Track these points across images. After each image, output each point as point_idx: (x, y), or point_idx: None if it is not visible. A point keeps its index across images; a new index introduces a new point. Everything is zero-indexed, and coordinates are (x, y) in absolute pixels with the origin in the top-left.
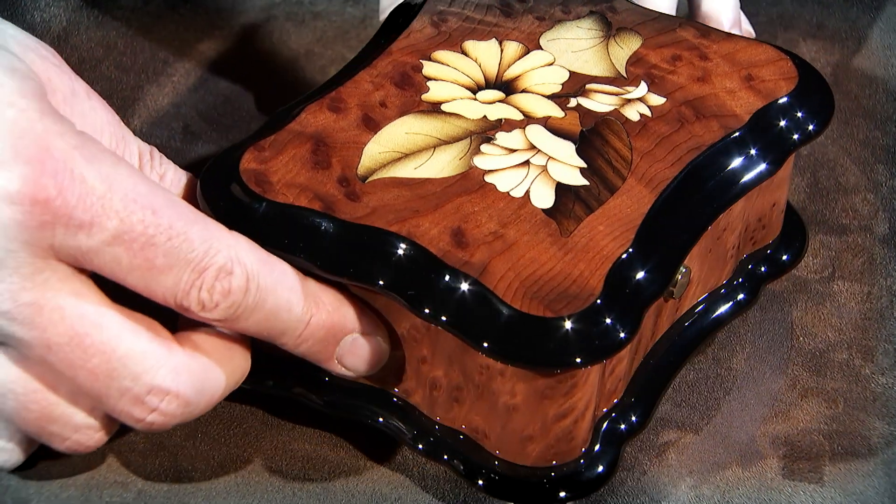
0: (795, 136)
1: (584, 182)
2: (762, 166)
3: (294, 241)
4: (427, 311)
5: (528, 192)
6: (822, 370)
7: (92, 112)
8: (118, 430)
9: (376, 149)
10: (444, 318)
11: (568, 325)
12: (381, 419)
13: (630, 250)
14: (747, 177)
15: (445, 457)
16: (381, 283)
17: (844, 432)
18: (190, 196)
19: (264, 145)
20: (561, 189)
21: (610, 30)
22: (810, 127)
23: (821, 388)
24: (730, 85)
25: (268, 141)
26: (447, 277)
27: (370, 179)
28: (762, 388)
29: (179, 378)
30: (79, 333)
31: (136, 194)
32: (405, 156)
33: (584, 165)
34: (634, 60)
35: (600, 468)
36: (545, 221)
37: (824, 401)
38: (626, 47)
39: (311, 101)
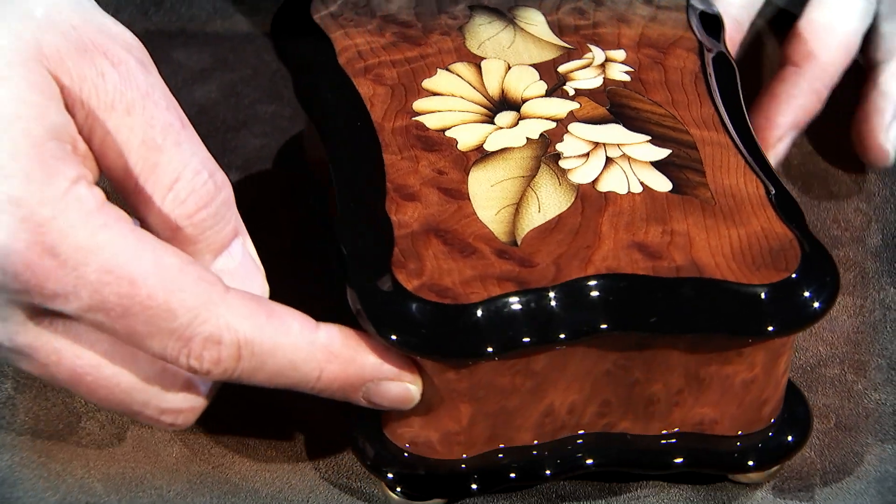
0: None
1: (666, 150)
2: None
3: (517, 335)
4: (670, 327)
5: (642, 184)
6: (813, 386)
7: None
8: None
9: (490, 213)
10: (693, 326)
11: (799, 278)
12: (591, 461)
13: (772, 191)
14: None
15: (679, 460)
16: (604, 327)
17: (836, 449)
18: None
19: (402, 261)
20: (660, 167)
21: (504, 14)
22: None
23: (812, 403)
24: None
25: (399, 256)
26: (674, 291)
27: (518, 241)
28: None
29: (192, 394)
30: (78, 374)
31: (114, 265)
32: (516, 205)
33: (649, 137)
34: (557, 31)
35: (801, 404)
36: (684, 200)
37: (815, 417)
38: (536, 22)
39: (380, 202)
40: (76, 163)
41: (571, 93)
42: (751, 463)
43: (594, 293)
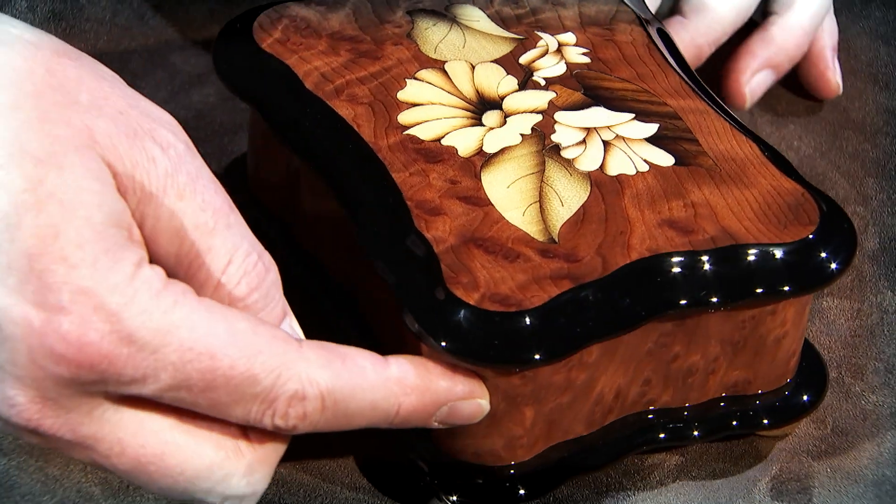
0: None
1: (654, 125)
2: None
3: (585, 331)
4: (724, 297)
5: (646, 161)
6: None
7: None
8: None
9: (517, 214)
10: (743, 292)
11: (822, 233)
12: (641, 440)
13: (766, 153)
14: None
15: (719, 425)
16: (681, 301)
17: (834, 453)
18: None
19: (454, 277)
20: (655, 142)
21: (444, 14)
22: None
23: None
24: None
25: (449, 272)
26: (713, 259)
27: (556, 237)
28: None
29: (254, 478)
30: (142, 463)
31: (193, 341)
32: (538, 202)
33: (633, 114)
34: (501, 23)
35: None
36: (691, 171)
37: (813, 420)
38: (478, 18)
39: (408, 221)
40: (137, 247)
41: (542, 83)
42: (783, 415)
43: (647, 277)
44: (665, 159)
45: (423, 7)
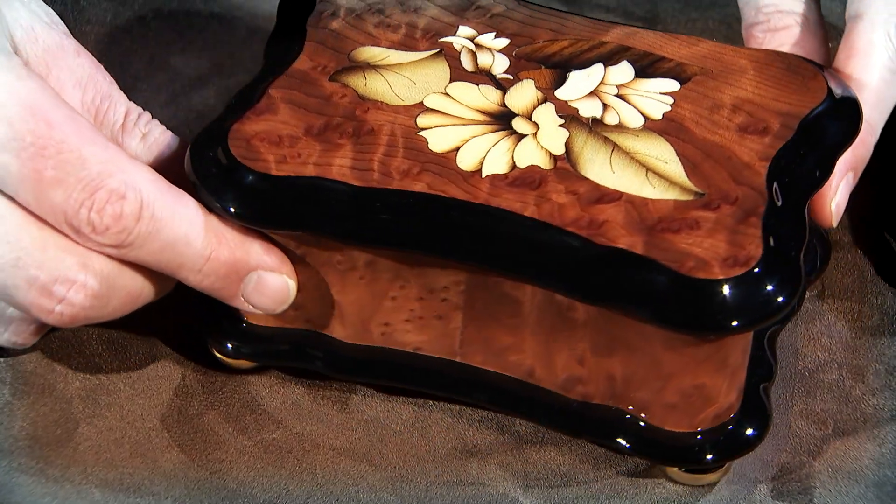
0: None
1: (627, 64)
2: None
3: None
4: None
5: (662, 94)
6: (811, 391)
7: (78, 68)
8: None
9: (650, 189)
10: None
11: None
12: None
13: (714, 40)
14: None
15: None
16: None
17: (835, 454)
18: (178, 159)
19: (685, 265)
20: (645, 76)
21: (356, 65)
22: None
23: (810, 409)
24: None
25: (685, 269)
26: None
27: (697, 188)
28: None
29: (88, 269)
30: None
31: (35, 106)
32: (648, 170)
33: (600, 63)
34: (405, 47)
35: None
36: (698, 81)
37: (814, 422)
38: (385, 53)
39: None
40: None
41: (511, 77)
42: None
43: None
44: (670, 85)
45: (342, 68)
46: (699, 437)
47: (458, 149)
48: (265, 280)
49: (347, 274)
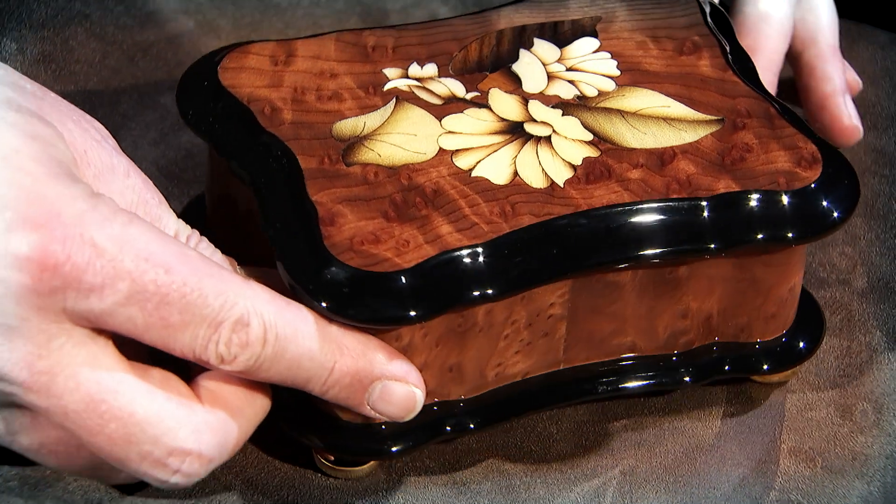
0: None
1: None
2: None
3: None
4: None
5: (605, 76)
6: (800, 429)
7: (129, 191)
8: None
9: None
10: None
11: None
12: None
13: None
14: None
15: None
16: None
17: (823, 493)
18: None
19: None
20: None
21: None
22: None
23: (799, 447)
24: None
25: None
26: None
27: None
28: (738, 446)
29: (201, 437)
30: (95, 400)
31: (149, 253)
32: (665, 121)
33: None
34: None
35: None
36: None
37: (802, 460)
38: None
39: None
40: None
41: (480, 93)
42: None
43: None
44: (591, 43)
45: (343, 150)
46: (784, 339)
47: (515, 173)
48: (390, 389)
49: (467, 333)
